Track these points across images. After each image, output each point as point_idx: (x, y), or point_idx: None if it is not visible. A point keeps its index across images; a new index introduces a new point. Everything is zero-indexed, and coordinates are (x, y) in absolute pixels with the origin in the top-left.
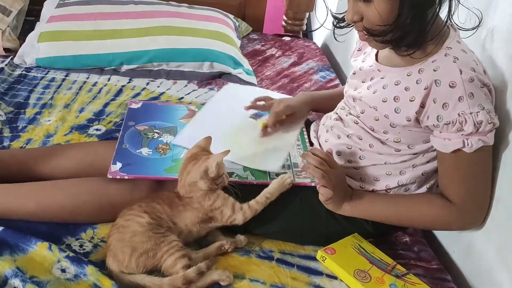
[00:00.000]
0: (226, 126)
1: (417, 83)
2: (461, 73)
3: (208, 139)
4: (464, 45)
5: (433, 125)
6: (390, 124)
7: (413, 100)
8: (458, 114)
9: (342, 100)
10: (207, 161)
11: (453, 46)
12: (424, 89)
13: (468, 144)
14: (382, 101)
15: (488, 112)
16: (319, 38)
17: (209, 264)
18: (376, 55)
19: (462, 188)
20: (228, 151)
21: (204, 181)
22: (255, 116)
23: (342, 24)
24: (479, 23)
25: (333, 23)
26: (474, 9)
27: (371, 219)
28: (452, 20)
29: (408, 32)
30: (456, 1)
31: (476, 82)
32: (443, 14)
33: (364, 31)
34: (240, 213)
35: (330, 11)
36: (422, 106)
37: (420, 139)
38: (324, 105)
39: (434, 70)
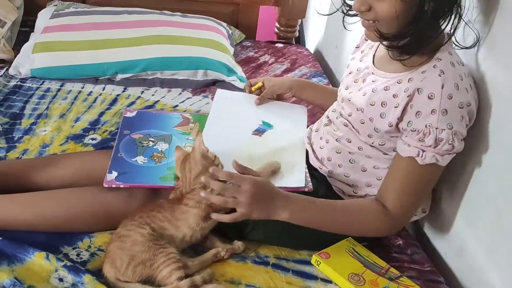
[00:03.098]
0: (234, 148)
1: (404, 91)
2: (442, 88)
3: (177, 148)
4: (455, 57)
5: (402, 128)
6: (374, 128)
7: (397, 107)
8: (425, 126)
9: (335, 102)
10: (194, 149)
11: (443, 58)
12: (407, 96)
13: (421, 156)
14: (370, 104)
15: (454, 133)
16: (311, 44)
17: (206, 279)
18: (374, 56)
19: (401, 197)
20: (201, 133)
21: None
22: (258, 132)
23: (351, 12)
24: (477, 41)
25: (342, 10)
26: (472, 25)
27: (309, 226)
28: (452, 33)
29: (419, 37)
30: (459, 17)
31: (454, 100)
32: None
33: (376, 34)
34: None
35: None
36: (403, 111)
37: None
38: (316, 93)
39: (421, 81)
